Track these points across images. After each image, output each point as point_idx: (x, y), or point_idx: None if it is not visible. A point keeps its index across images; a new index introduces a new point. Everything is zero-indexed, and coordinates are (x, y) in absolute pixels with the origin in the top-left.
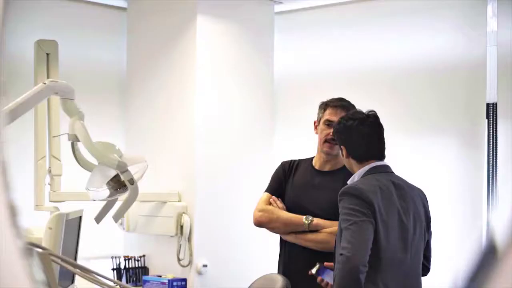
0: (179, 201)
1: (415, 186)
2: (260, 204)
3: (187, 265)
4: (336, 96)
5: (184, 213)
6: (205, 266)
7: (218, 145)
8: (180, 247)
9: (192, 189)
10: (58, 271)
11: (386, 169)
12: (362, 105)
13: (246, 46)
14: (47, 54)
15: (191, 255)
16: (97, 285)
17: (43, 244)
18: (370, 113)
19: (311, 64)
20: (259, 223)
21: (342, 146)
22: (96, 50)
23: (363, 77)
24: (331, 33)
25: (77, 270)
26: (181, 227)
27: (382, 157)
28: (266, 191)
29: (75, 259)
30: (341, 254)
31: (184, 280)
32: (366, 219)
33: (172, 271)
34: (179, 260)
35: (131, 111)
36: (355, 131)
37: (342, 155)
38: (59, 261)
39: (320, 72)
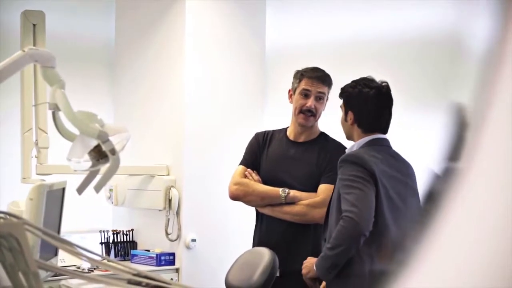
0: (168, 174)
1: (409, 162)
2: (235, 178)
3: (175, 240)
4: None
5: (172, 186)
6: (193, 240)
7: (207, 119)
8: (168, 221)
9: (180, 163)
10: (39, 243)
11: (386, 143)
12: (353, 78)
13: (237, 20)
14: (34, 25)
15: (179, 229)
16: (77, 257)
17: (24, 216)
18: (383, 84)
19: (302, 38)
20: (234, 197)
21: (350, 112)
22: (84, 23)
23: (354, 50)
24: (322, 7)
25: (52, 239)
26: (170, 201)
27: (386, 130)
28: (241, 164)
29: (59, 231)
30: (346, 216)
31: (173, 254)
32: (370, 186)
33: (161, 246)
34: (167, 234)
35: (120, 85)
36: (371, 101)
37: (346, 121)
38: (35, 231)
39: (311, 46)
